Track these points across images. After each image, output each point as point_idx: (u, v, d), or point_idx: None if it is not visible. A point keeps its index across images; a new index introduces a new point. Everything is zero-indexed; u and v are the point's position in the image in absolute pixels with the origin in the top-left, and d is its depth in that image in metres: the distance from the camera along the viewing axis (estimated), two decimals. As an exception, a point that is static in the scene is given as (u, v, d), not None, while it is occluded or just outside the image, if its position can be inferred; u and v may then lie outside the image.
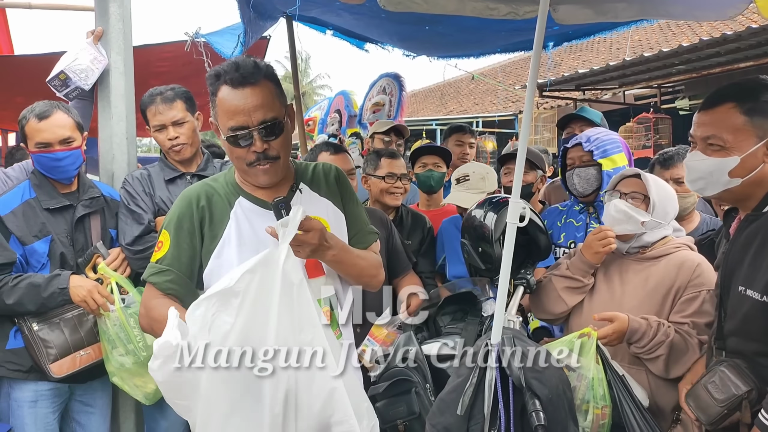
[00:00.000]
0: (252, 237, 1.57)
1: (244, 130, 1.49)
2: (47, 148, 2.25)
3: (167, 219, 1.60)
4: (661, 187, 2.06)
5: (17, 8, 5.39)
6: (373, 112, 4.90)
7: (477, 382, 1.65)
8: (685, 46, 6.63)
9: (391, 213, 2.84)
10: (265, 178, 1.58)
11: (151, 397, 2.29)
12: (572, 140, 2.60)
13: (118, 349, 2.19)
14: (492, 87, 14.50)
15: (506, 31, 3.14)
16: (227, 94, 1.50)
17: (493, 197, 2.21)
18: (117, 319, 2.19)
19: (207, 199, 1.60)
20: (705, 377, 1.57)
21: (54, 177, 2.31)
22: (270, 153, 1.53)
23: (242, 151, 1.52)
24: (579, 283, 2.08)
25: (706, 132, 1.59)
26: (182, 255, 1.56)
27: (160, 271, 1.56)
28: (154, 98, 2.45)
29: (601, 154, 2.46)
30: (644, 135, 8.34)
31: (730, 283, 1.60)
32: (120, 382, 2.25)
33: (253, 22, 3.07)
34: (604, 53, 12.13)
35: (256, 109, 1.49)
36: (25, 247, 2.21)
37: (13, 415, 2.24)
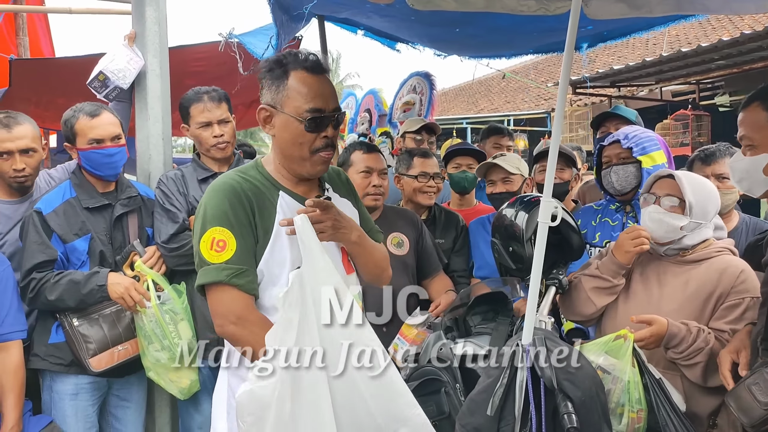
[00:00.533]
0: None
1: (321, 114, 1.49)
2: (100, 144, 2.33)
3: (218, 215, 1.48)
4: (698, 185, 1.99)
5: (58, 13, 5.57)
6: (404, 111, 4.89)
7: (508, 383, 1.63)
8: (725, 40, 6.43)
9: (424, 212, 2.84)
10: (322, 168, 1.57)
11: (185, 391, 2.34)
12: (609, 138, 2.54)
13: (154, 345, 2.24)
14: (523, 85, 14.32)
15: (538, 31, 3.09)
16: (306, 78, 1.49)
17: (524, 196, 2.18)
18: (153, 316, 2.24)
19: (252, 192, 1.53)
20: (749, 378, 1.53)
21: (102, 174, 2.37)
22: (334, 141, 1.56)
23: (313, 136, 1.50)
24: (608, 284, 2.03)
25: (741, 132, 1.64)
26: (250, 250, 1.48)
27: (240, 271, 1.45)
28: (201, 96, 2.50)
29: (640, 151, 2.40)
30: (682, 132, 8.13)
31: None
32: (156, 377, 2.31)
33: (285, 23, 3.11)
34: (640, 49, 11.85)
35: (331, 96, 1.52)
36: (66, 245, 2.28)
37: (54, 407, 2.31)
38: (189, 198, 2.45)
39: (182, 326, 2.28)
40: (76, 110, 2.35)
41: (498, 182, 2.77)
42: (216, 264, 1.46)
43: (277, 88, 1.52)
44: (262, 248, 1.51)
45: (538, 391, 1.59)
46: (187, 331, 2.29)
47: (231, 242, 1.45)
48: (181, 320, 2.29)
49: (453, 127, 11.23)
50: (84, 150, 2.34)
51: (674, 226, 1.94)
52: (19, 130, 2.31)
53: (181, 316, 2.29)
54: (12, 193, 2.41)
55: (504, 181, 2.75)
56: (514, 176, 2.75)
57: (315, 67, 1.50)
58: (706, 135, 7.97)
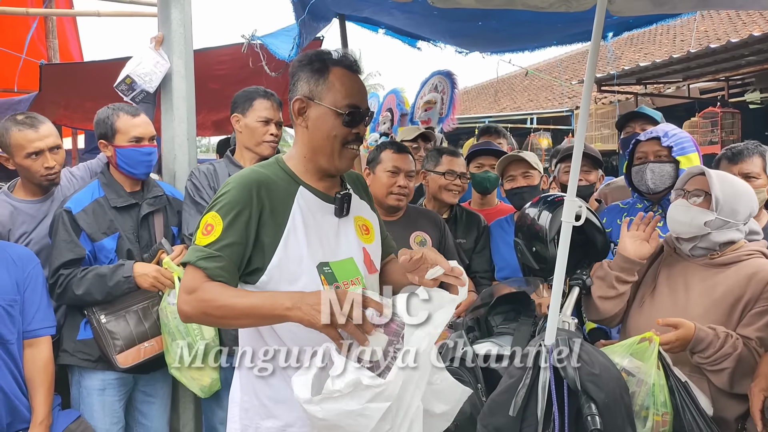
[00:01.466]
0: (316, 230, 1.54)
1: (358, 110, 1.55)
2: (140, 142, 2.40)
3: (219, 203, 1.48)
4: (729, 183, 1.94)
5: (87, 16, 5.69)
6: (425, 110, 4.88)
7: (530, 384, 1.62)
8: (756, 35, 6.27)
9: (445, 211, 2.84)
10: (349, 164, 1.60)
11: (206, 390, 2.37)
12: (646, 133, 2.49)
13: (178, 342, 2.28)
14: (547, 83, 14.16)
15: (562, 22, 3.05)
16: (346, 74, 1.55)
17: (548, 196, 2.16)
18: (176, 312, 2.27)
19: (267, 188, 1.51)
20: None
21: (137, 172, 2.43)
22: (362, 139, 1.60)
23: (346, 130, 1.54)
24: (613, 292, 2.00)
25: None
26: (234, 244, 1.45)
27: (211, 256, 1.43)
28: (269, 95, 2.60)
29: (680, 152, 2.36)
30: (710, 130, 7.94)
31: None
32: (178, 374, 2.34)
33: (307, 23, 3.13)
34: (667, 45, 11.62)
35: (366, 96, 1.59)
36: (94, 243, 2.33)
37: (83, 402, 2.36)
38: None
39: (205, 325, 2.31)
40: (115, 109, 2.42)
41: (518, 176, 2.76)
42: (197, 245, 1.47)
43: (316, 81, 1.54)
44: (274, 244, 1.49)
45: (561, 392, 1.58)
46: (210, 329, 2.32)
47: (218, 230, 1.45)
48: None
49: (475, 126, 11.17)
50: (124, 147, 2.39)
51: (698, 220, 1.90)
52: (45, 129, 2.38)
53: None
54: (35, 192, 2.47)
55: (524, 175, 2.74)
56: (533, 171, 2.73)
57: (354, 66, 1.57)
58: (736, 133, 7.77)
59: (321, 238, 1.54)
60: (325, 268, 1.52)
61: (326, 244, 1.56)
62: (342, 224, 1.61)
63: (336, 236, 1.58)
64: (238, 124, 2.57)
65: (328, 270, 1.53)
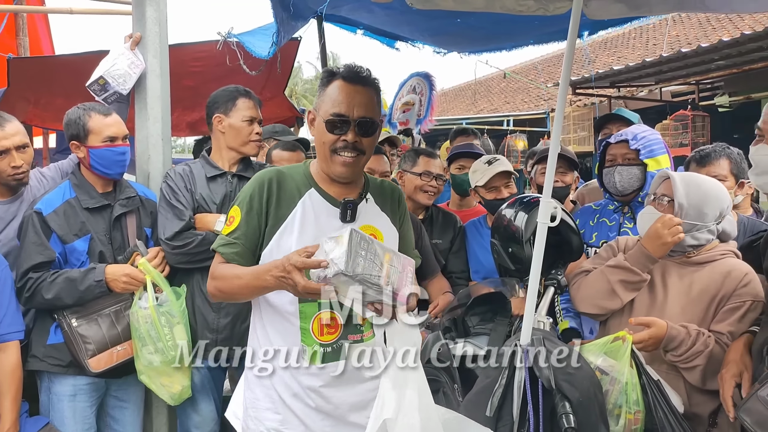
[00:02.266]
0: (314, 228, 1.65)
1: (341, 117, 1.62)
2: (114, 142, 2.36)
3: (241, 197, 1.70)
4: (695, 186, 1.97)
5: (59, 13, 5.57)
6: (403, 112, 4.88)
7: (506, 383, 1.64)
8: (725, 40, 6.42)
9: (421, 212, 2.84)
10: (342, 170, 1.66)
11: (176, 397, 2.33)
12: (616, 136, 2.52)
13: (148, 347, 2.23)
14: (523, 85, 14.32)
15: (539, 20, 3.08)
16: (340, 86, 1.65)
17: (524, 197, 2.18)
18: (149, 317, 2.23)
19: (278, 183, 1.69)
20: (761, 390, 1.49)
21: (111, 172, 2.38)
22: (359, 146, 1.65)
23: (331, 137, 1.64)
24: (637, 277, 1.97)
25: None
26: (249, 231, 1.66)
27: (228, 243, 1.66)
28: (250, 94, 2.58)
29: (647, 154, 2.39)
30: (681, 133, 8.12)
31: None
32: (147, 381, 2.29)
33: (285, 22, 3.11)
34: (639, 49, 11.85)
35: (362, 105, 1.64)
36: (65, 245, 2.28)
37: (53, 409, 2.31)
38: (196, 195, 2.44)
39: (178, 330, 2.27)
40: (86, 108, 2.37)
41: (501, 188, 2.74)
42: (221, 235, 1.70)
43: (320, 93, 1.69)
44: (271, 233, 1.66)
45: (536, 391, 1.59)
46: (182, 334, 2.28)
47: (237, 220, 1.67)
48: (177, 323, 2.28)
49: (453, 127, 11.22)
50: (97, 148, 2.34)
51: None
52: (12, 127, 2.32)
53: (178, 320, 2.28)
54: (3, 193, 2.41)
55: (506, 185, 2.74)
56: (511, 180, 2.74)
57: (351, 77, 1.64)
58: (705, 135, 7.96)
59: (317, 237, 1.60)
60: None
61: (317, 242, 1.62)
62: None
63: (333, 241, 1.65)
64: (220, 124, 2.54)
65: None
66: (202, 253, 2.35)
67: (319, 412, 1.68)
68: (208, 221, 2.40)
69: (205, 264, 2.36)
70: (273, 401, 1.71)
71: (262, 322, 1.74)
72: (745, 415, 1.52)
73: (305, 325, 1.65)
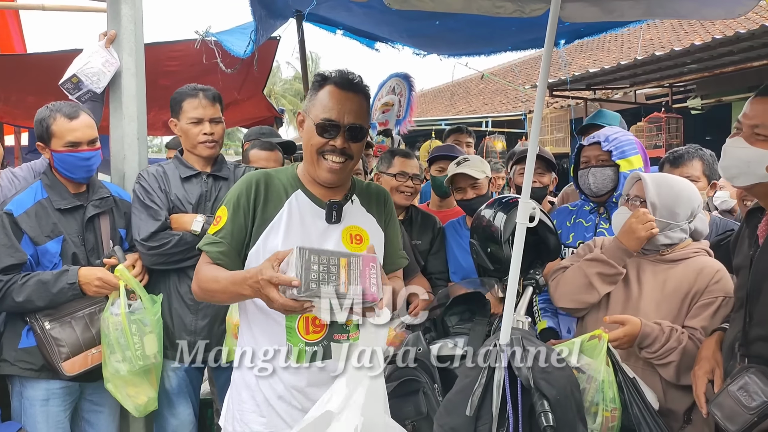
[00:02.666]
0: (299, 229, 1.67)
1: (333, 122, 1.65)
2: (77, 147, 2.28)
3: (228, 196, 1.71)
4: (667, 186, 2.01)
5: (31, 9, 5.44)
6: (383, 113, 4.90)
7: (485, 383, 1.64)
8: (697, 44, 6.57)
9: (401, 213, 2.84)
10: (328, 175, 1.68)
11: (141, 409, 2.28)
12: (589, 138, 2.56)
13: (116, 355, 2.19)
14: (501, 87, 14.44)
15: (517, 26, 3.13)
16: (332, 91, 1.67)
17: (502, 197, 2.20)
18: (119, 324, 2.19)
19: (266, 183, 1.71)
20: (731, 385, 1.52)
21: (76, 176, 2.33)
22: (347, 151, 1.68)
23: (320, 140, 1.66)
24: (613, 270, 2.01)
25: (756, 120, 1.52)
26: (235, 231, 1.67)
27: (214, 242, 1.67)
28: (198, 92, 2.48)
29: (619, 155, 2.43)
30: (655, 135, 8.28)
31: (760, 288, 1.55)
32: (113, 389, 2.24)
33: (264, 20, 3.09)
34: (615, 52, 12.05)
35: (352, 111, 1.67)
36: (37, 247, 2.23)
37: (25, 414, 2.26)
38: (171, 196, 2.41)
39: (149, 339, 2.23)
40: (52, 110, 2.29)
41: (467, 188, 2.77)
42: (208, 234, 1.71)
43: (311, 97, 1.71)
44: (258, 234, 1.67)
45: (515, 390, 1.60)
46: (152, 345, 2.24)
47: (223, 220, 1.68)
48: (149, 332, 2.23)
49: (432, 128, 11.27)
50: (59, 152, 2.28)
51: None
52: None
53: (150, 329, 2.24)
54: None
55: (473, 186, 2.77)
56: (480, 181, 2.75)
57: (344, 83, 1.67)
58: (679, 137, 8.13)
59: (303, 237, 1.65)
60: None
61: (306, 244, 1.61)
62: (331, 229, 1.71)
63: (319, 239, 1.68)
64: (176, 128, 2.51)
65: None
66: (178, 254, 2.32)
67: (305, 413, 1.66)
68: (184, 221, 2.36)
69: (182, 265, 2.35)
70: (258, 404, 1.70)
71: (247, 321, 1.73)
72: (716, 409, 1.55)
73: (291, 323, 1.64)
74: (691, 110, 8.42)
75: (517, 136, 10.92)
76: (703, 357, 1.74)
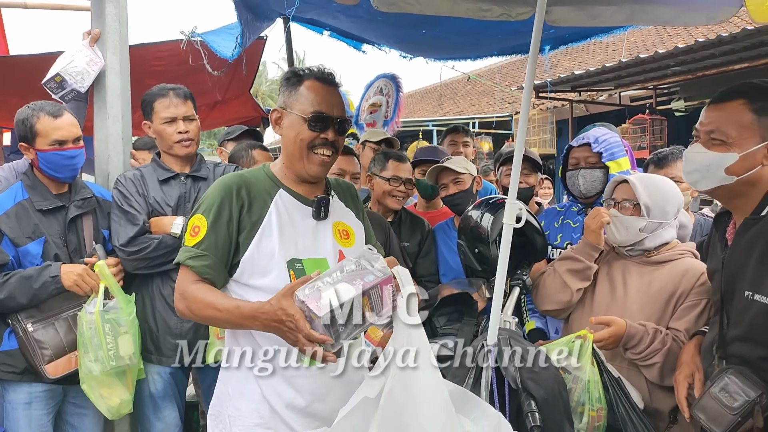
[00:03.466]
0: (291, 229, 1.64)
1: (325, 115, 1.63)
2: (62, 145, 2.25)
3: (204, 206, 1.62)
4: (653, 187, 2.04)
5: (13, 8, 5.36)
6: (370, 113, 4.89)
7: (473, 383, 1.65)
8: (680, 47, 6.66)
9: (390, 215, 2.85)
10: (319, 169, 1.66)
11: (114, 411, 2.24)
12: (578, 139, 2.59)
13: (89, 355, 2.15)
14: (488, 88, 14.51)
15: (503, 34, 3.15)
16: (315, 85, 1.65)
17: (489, 198, 2.21)
18: (93, 323, 2.15)
19: (247, 188, 1.64)
20: (712, 387, 1.53)
21: (61, 176, 2.30)
22: (336, 144, 1.67)
23: (312, 134, 1.64)
24: (581, 265, 2.07)
25: (711, 126, 1.59)
26: (219, 241, 1.58)
27: (197, 255, 1.57)
28: (167, 92, 2.45)
29: (609, 157, 2.45)
30: (640, 136, 8.39)
31: (733, 289, 1.58)
32: (88, 390, 2.20)
33: (250, 23, 3.07)
34: (600, 54, 12.17)
35: (338, 105, 1.67)
36: (18, 248, 2.20)
37: (7, 418, 2.22)
38: (149, 199, 2.38)
39: (123, 340, 2.18)
40: (35, 109, 2.25)
41: (449, 184, 2.80)
42: (186, 246, 1.61)
43: (290, 92, 1.68)
44: (249, 239, 1.60)
45: (502, 390, 1.61)
46: (128, 346, 2.19)
47: (203, 231, 1.58)
48: (123, 333, 2.19)
49: (419, 129, 11.30)
50: (44, 151, 2.25)
51: (634, 228, 2.00)
52: None
53: (125, 329, 2.20)
54: None
55: (455, 182, 2.79)
56: (462, 176, 2.78)
57: (325, 78, 1.67)
58: (663, 138, 8.24)
59: (296, 237, 1.63)
60: (297, 264, 1.61)
61: (301, 243, 1.64)
62: (320, 226, 1.69)
63: (313, 237, 1.66)
64: (150, 131, 2.48)
65: (299, 266, 1.61)
66: (159, 257, 2.30)
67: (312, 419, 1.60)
68: (164, 224, 2.34)
69: (165, 268, 2.32)
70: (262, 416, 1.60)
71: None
72: (699, 413, 1.56)
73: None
74: (675, 112, 8.53)
75: (504, 137, 10.99)
76: (684, 362, 1.77)
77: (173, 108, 2.42)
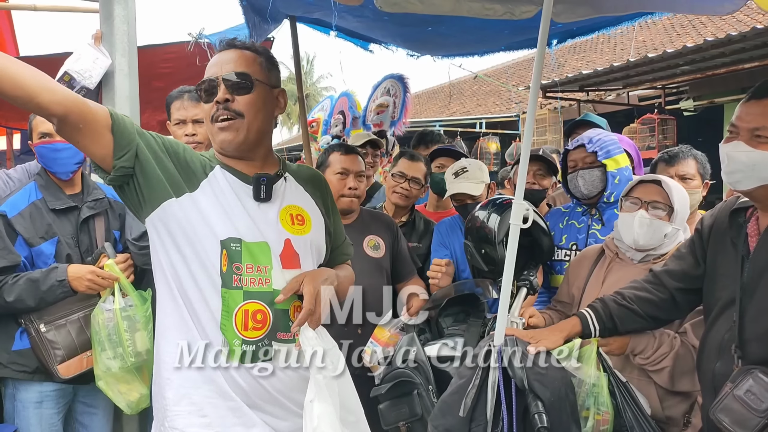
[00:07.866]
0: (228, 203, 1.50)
1: (211, 81, 1.50)
2: (49, 138, 2.28)
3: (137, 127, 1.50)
4: (680, 192, 2.02)
5: (22, 10, 5.41)
6: (377, 114, 4.90)
7: (479, 384, 1.65)
8: (689, 46, 6.61)
9: (404, 216, 2.86)
10: (222, 135, 1.50)
11: (133, 406, 2.26)
12: (573, 142, 2.58)
13: (107, 352, 2.17)
14: (495, 88, 14.48)
15: (509, 29, 3.13)
16: (213, 57, 1.54)
17: (496, 198, 2.20)
18: (111, 320, 2.17)
19: (191, 152, 1.54)
20: (735, 389, 1.47)
21: (53, 170, 2.33)
22: (232, 106, 1.49)
23: (209, 106, 1.51)
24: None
25: (755, 123, 1.50)
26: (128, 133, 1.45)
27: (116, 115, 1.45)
28: (183, 94, 2.48)
29: (605, 155, 2.44)
30: (648, 136, 8.32)
31: (757, 285, 1.53)
32: (105, 387, 2.22)
33: (257, 25, 3.08)
34: (608, 54, 12.10)
35: (228, 62, 1.51)
36: (32, 248, 2.22)
37: (18, 416, 2.25)
38: None
39: (139, 336, 2.20)
40: None
41: (466, 200, 2.70)
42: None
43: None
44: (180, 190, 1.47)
45: (509, 391, 1.61)
46: (144, 342, 2.20)
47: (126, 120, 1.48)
48: (139, 330, 2.21)
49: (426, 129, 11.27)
50: (36, 145, 2.31)
51: (661, 233, 1.97)
52: None
53: (140, 326, 2.22)
54: None
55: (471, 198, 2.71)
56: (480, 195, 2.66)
57: (226, 44, 1.55)
58: (671, 138, 8.17)
59: (232, 214, 1.48)
60: (234, 244, 1.46)
61: (239, 222, 1.48)
62: (265, 209, 1.53)
63: (256, 220, 1.50)
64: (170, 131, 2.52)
65: (236, 247, 1.46)
66: None
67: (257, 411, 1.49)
68: None
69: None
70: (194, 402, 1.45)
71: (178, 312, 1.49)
72: (722, 415, 1.49)
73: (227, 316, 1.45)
74: (684, 112, 8.46)
75: (512, 138, 10.95)
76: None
77: (183, 110, 2.45)
